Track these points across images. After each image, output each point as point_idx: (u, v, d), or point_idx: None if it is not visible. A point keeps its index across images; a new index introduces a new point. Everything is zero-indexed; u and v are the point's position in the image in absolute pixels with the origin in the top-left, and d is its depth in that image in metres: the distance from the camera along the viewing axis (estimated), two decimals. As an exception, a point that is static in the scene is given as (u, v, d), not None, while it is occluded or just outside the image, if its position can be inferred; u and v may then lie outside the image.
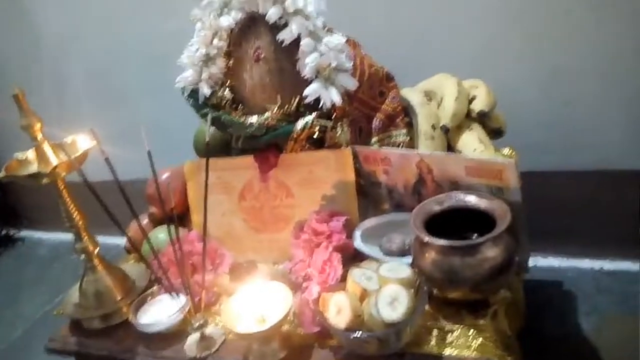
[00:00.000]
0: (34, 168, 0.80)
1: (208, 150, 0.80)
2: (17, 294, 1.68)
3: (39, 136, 0.79)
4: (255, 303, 0.74)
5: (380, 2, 1.10)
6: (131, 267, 0.95)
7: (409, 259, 0.75)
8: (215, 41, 0.85)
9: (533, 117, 1.09)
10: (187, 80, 0.88)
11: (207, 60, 0.86)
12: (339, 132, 0.86)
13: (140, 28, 1.39)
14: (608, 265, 1.17)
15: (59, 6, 1.48)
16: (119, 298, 0.87)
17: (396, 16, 1.10)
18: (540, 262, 1.23)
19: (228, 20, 0.84)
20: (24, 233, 2.03)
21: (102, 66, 1.51)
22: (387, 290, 0.66)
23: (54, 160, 0.79)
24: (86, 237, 0.85)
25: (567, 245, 1.19)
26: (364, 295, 0.69)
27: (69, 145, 0.83)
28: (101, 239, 0.89)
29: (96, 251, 0.87)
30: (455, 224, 0.73)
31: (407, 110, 0.90)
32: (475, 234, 0.73)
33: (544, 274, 1.19)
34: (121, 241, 1.00)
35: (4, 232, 2.02)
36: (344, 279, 0.73)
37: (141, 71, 1.45)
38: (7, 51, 1.64)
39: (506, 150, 0.95)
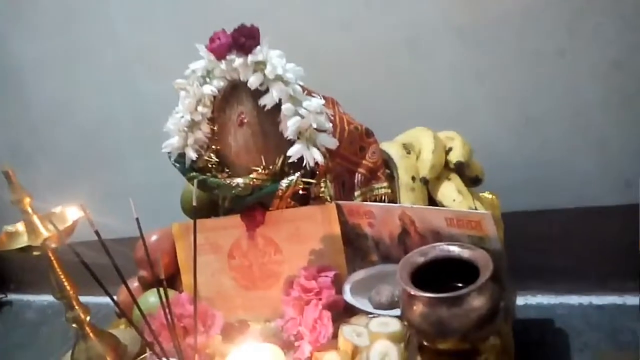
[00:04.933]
0: (24, 240, 0.82)
1: (196, 213, 0.82)
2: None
3: (29, 210, 0.80)
4: (248, 364, 0.75)
5: (355, 61, 1.15)
6: (123, 332, 0.95)
7: (398, 311, 0.76)
8: (200, 108, 0.88)
9: (511, 161, 1.13)
10: (174, 146, 0.90)
11: (192, 126, 0.89)
12: (323, 188, 0.89)
13: (128, 91, 1.43)
14: (596, 300, 1.19)
15: (48, 74, 1.52)
16: (111, 366, 0.87)
17: (371, 73, 1.15)
18: (530, 300, 1.24)
19: (211, 88, 0.87)
20: (12, 297, 2.00)
21: (90, 129, 1.53)
22: (377, 346, 0.67)
23: (44, 232, 0.81)
24: (77, 306, 0.85)
25: (554, 283, 1.21)
26: (355, 352, 0.70)
27: (57, 215, 0.85)
28: (89, 299, 0.89)
29: (87, 319, 0.87)
30: (441, 274, 0.75)
31: (387, 163, 0.94)
32: (461, 283, 0.74)
33: (534, 312, 1.20)
34: (110, 301, 1.00)
35: (-9, 296, 1.99)
36: (335, 335, 0.74)
37: (128, 134, 1.48)
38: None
39: (487, 194, 0.99)
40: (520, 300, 1.24)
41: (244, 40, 0.83)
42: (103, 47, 1.40)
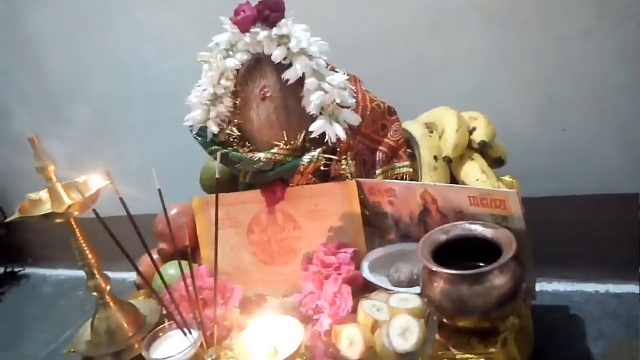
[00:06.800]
0: (47, 208, 0.82)
1: (218, 186, 0.82)
2: (22, 332, 1.67)
3: (53, 177, 0.81)
4: (267, 336, 0.75)
5: (380, 41, 1.14)
6: (142, 303, 0.96)
7: (417, 289, 0.76)
8: (222, 81, 0.88)
9: (532, 145, 1.11)
10: (196, 119, 0.90)
11: (215, 99, 0.89)
12: (344, 165, 0.89)
13: (145, 66, 1.43)
14: (613, 288, 1.18)
15: (65, 48, 1.53)
16: (130, 334, 0.88)
17: (394, 52, 1.14)
18: (545, 287, 1.23)
19: (234, 62, 0.87)
20: (29, 270, 2.03)
21: (108, 105, 1.54)
22: (398, 321, 0.67)
23: (67, 200, 0.81)
24: (98, 275, 0.86)
25: (571, 270, 1.20)
26: (375, 326, 0.70)
27: (81, 184, 0.85)
28: (107, 273, 0.90)
29: (108, 288, 0.88)
30: (462, 252, 0.75)
31: (409, 142, 0.93)
32: (482, 263, 0.74)
33: (550, 299, 1.20)
34: (127, 275, 1.00)
35: (8, 269, 2.02)
36: (354, 310, 0.74)
37: (146, 109, 1.48)
38: (16, 94, 1.68)
39: (507, 178, 0.97)
40: (536, 287, 1.24)
41: (269, 12, 0.82)
42: (118, 21, 1.40)
